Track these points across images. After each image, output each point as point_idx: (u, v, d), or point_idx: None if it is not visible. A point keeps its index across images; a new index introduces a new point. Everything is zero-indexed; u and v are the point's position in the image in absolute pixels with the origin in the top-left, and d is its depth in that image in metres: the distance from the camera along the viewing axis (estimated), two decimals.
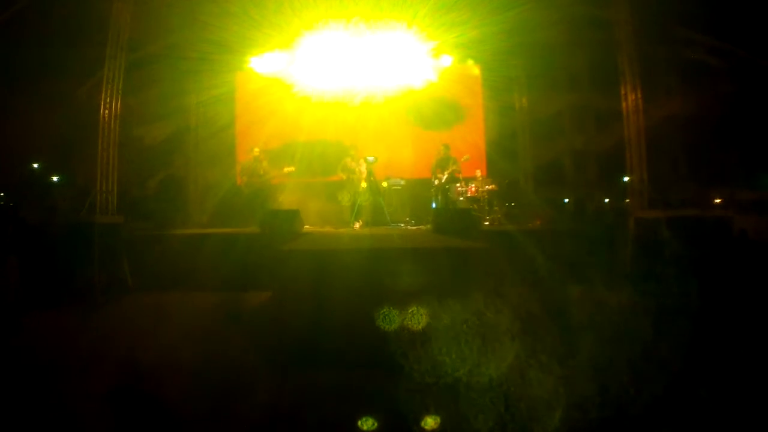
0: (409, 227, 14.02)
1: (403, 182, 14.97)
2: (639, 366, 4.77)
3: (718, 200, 20.94)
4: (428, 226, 13.04)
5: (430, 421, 4.11)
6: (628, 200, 12.81)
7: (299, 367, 5.50)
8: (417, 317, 5.41)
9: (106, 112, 11.32)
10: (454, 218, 11.22)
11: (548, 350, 4.89)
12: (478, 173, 14.61)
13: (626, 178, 12.92)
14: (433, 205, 13.83)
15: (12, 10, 11.53)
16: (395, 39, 14.36)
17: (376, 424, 4.19)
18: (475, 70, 15.66)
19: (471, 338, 5.12)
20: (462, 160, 13.53)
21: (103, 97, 11.30)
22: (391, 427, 4.14)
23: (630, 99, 11.78)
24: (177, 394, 4.82)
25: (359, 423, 4.19)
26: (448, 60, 15.12)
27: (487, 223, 13.75)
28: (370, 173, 12.92)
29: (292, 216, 11.36)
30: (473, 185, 14.23)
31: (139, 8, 11.74)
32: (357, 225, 12.93)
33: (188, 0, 12.48)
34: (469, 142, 15.57)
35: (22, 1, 11.50)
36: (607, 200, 19.17)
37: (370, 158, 12.96)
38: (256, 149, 13.38)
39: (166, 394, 4.77)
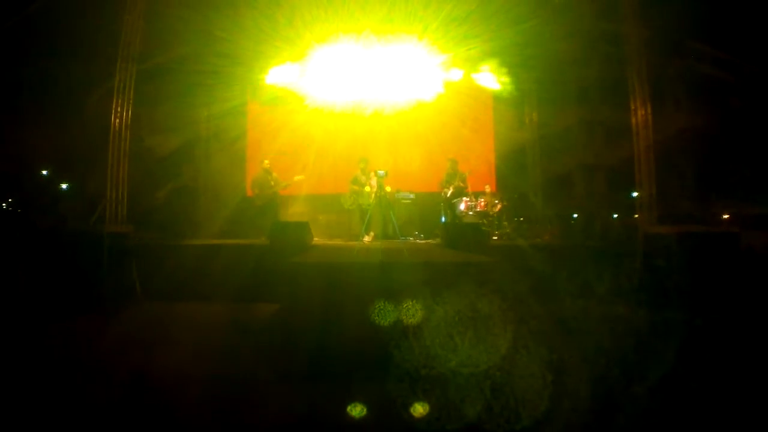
0: (418, 241, 14.02)
1: (412, 196, 14.94)
2: (642, 377, 4.78)
3: (726, 216, 20.85)
4: (437, 240, 13.04)
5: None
6: (636, 215, 12.78)
7: (307, 379, 5.50)
8: (423, 327, 5.42)
9: (117, 121, 11.40)
10: (463, 233, 11.21)
11: (555, 363, 4.90)
12: (487, 188, 14.63)
13: (635, 194, 12.89)
14: (443, 220, 13.84)
15: (23, 19, 11.65)
16: (406, 52, 14.40)
17: (365, 410, 4.20)
18: (486, 84, 15.62)
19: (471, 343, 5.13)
20: (466, 174, 13.55)
21: (113, 106, 11.39)
22: None
23: (639, 114, 11.77)
24: (186, 404, 4.84)
25: (348, 408, 4.20)
26: (458, 73, 15.13)
27: (496, 237, 13.73)
28: (380, 187, 12.92)
29: (302, 228, 11.36)
30: (482, 200, 14.24)
31: (150, 20, 11.83)
32: (367, 238, 12.92)
33: (199, 13, 12.53)
34: (479, 156, 15.62)
35: (32, 11, 11.61)
36: (615, 215, 19.11)
37: (381, 172, 12.96)
38: (266, 161, 13.42)
39: (175, 405, 4.78)
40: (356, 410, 4.31)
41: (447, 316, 5.48)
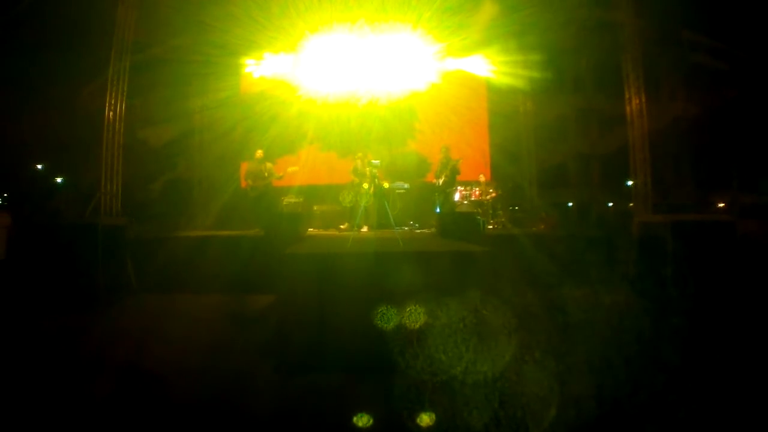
0: (413, 231, 14.00)
1: (407, 185, 14.90)
2: (639, 367, 4.79)
3: (721, 204, 20.90)
4: (432, 229, 13.02)
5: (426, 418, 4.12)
6: (631, 204, 12.79)
7: (303, 370, 5.50)
8: (421, 320, 5.41)
9: (111, 113, 11.35)
10: (458, 222, 11.19)
11: (551, 350, 4.90)
12: (482, 177, 14.60)
13: (630, 182, 12.91)
14: (437, 210, 13.80)
15: (17, 12, 11.59)
16: (400, 42, 14.36)
17: (371, 421, 4.19)
18: (480, 73, 15.57)
19: (473, 340, 5.12)
20: (455, 161, 13.46)
21: (107, 98, 11.34)
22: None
23: (634, 103, 11.78)
24: (181, 396, 4.83)
25: (354, 419, 4.19)
26: (453, 63, 15.10)
27: (491, 226, 13.72)
28: (374, 177, 12.89)
29: (296, 219, 11.35)
30: (477, 189, 14.22)
31: (144, 11, 11.77)
32: (364, 228, 12.88)
33: (192, 3, 12.49)
34: (474, 146, 15.59)
35: (27, 3, 11.55)
36: (610, 204, 19.15)
37: (375, 161, 12.95)
38: (259, 151, 13.35)
39: (170, 397, 4.78)
40: (359, 417, 4.30)
41: (443, 308, 5.47)
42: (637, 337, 5.69)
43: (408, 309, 5.44)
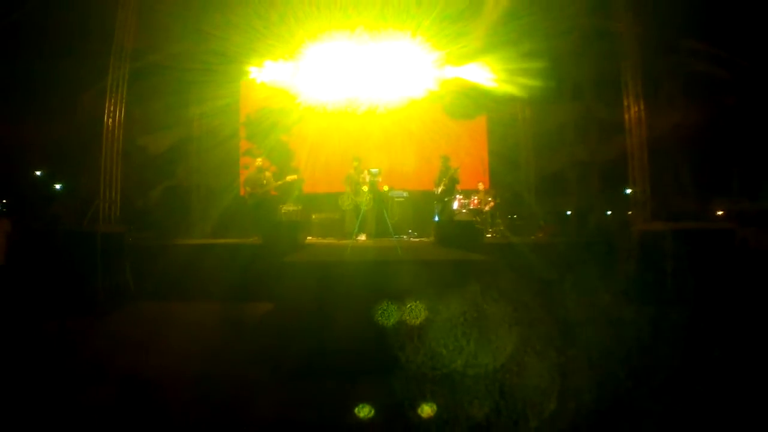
0: (411, 239, 13.98)
1: (405, 194, 14.88)
2: (640, 377, 4.78)
3: (720, 212, 20.89)
4: (431, 238, 13.01)
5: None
6: (630, 212, 12.78)
7: (301, 378, 5.49)
8: (419, 326, 5.41)
9: (110, 120, 11.36)
10: (457, 230, 11.18)
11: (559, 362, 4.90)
12: (481, 185, 14.60)
13: (629, 190, 12.90)
14: (436, 218, 13.78)
15: (16, 18, 11.61)
16: (399, 50, 14.36)
17: (372, 412, 4.20)
18: (479, 81, 15.55)
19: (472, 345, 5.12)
20: (453, 170, 13.43)
21: (106, 105, 11.35)
22: None
23: (633, 110, 11.79)
24: (179, 404, 4.83)
25: (356, 410, 4.20)
26: (451, 71, 15.08)
27: (489, 235, 13.70)
28: (373, 185, 12.88)
29: (295, 227, 11.35)
30: (476, 197, 14.21)
31: (143, 18, 11.79)
32: (362, 237, 12.86)
33: (192, 11, 12.50)
34: (473, 154, 15.56)
35: (25, 9, 11.57)
36: (609, 212, 19.13)
37: (374, 170, 12.95)
38: (259, 159, 13.34)
39: (168, 405, 4.77)
40: (361, 410, 4.31)
41: (441, 313, 5.47)
42: (644, 345, 5.69)
43: (405, 316, 5.44)
